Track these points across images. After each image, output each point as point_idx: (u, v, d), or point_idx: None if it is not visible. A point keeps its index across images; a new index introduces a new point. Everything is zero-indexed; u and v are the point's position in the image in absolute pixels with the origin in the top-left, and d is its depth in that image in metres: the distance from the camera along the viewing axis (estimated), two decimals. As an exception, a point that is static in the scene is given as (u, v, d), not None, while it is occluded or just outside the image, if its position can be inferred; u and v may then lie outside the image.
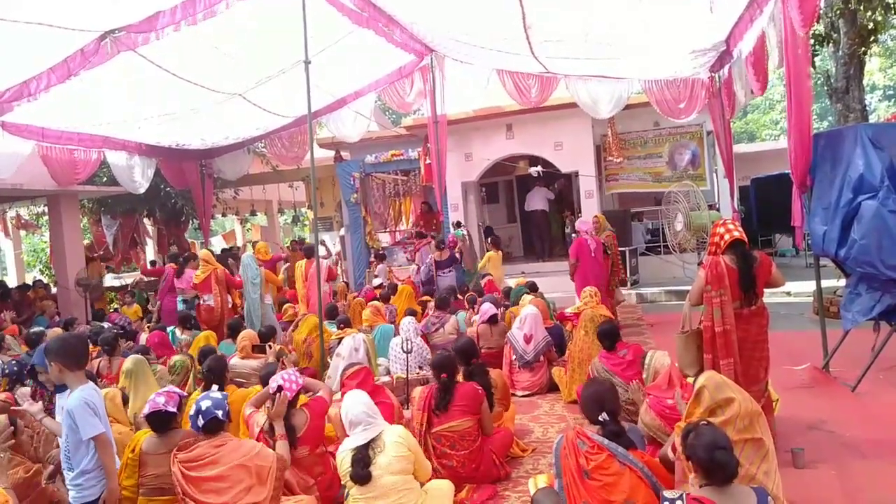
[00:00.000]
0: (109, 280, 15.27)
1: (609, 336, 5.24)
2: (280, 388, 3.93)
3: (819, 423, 4.65)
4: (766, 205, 12.87)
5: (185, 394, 4.16)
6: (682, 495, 2.45)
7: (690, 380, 3.88)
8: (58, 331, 7.40)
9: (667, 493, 2.50)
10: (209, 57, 7.52)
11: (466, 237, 11.40)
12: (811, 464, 3.96)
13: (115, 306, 12.40)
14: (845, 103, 10.25)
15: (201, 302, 8.29)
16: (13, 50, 6.15)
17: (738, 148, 15.75)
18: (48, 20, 5.63)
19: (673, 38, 7.68)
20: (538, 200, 13.96)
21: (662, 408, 4.10)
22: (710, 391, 2.95)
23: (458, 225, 11.66)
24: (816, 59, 10.58)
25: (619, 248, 9.85)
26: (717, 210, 11.35)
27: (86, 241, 14.41)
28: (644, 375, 4.79)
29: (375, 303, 8.28)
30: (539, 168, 12.11)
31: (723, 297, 3.93)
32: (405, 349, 5.94)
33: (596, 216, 9.34)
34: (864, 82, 11.24)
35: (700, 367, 3.98)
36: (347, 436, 3.61)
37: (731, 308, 3.95)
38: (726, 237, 4.04)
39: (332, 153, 14.06)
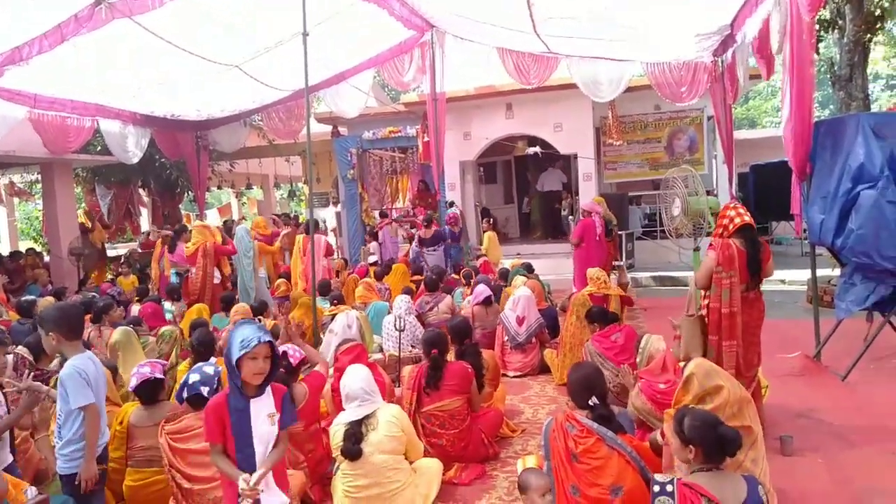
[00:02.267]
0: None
1: (600, 318, 5.25)
2: (285, 354, 3.95)
3: (808, 411, 4.66)
4: (765, 192, 12.83)
5: (167, 363, 4.14)
6: (672, 480, 2.44)
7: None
8: (49, 300, 7.36)
9: (658, 477, 2.50)
10: (206, 27, 7.38)
11: (459, 216, 11.40)
12: (799, 451, 3.98)
13: (111, 276, 12.36)
14: (848, 91, 10.18)
15: (190, 274, 8.27)
16: (5, 15, 6.02)
17: (739, 134, 15.66)
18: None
19: (677, 21, 7.57)
20: (553, 181, 13.94)
21: (654, 392, 4.09)
22: (699, 379, 2.94)
23: (450, 205, 11.62)
24: (820, 45, 10.48)
25: (619, 232, 9.85)
26: (716, 196, 11.32)
27: (83, 210, 14.31)
28: (638, 359, 4.77)
29: (368, 279, 8.25)
30: (538, 148, 12.03)
31: (732, 279, 3.96)
32: (398, 327, 5.92)
33: (595, 199, 9.30)
34: (868, 71, 11.15)
35: (706, 351, 3.98)
36: (342, 410, 3.61)
37: (739, 290, 3.96)
38: (736, 220, 4.06)
39: (329, 128, 13.94)
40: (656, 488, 2.44)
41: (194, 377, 3.48)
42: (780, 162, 12.36)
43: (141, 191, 15.62)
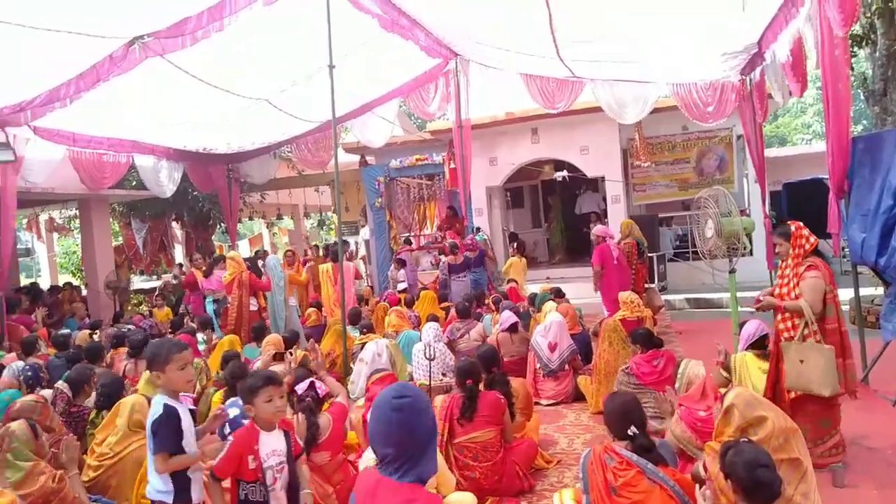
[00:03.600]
0: (138, 283, 15.52)
1: (644, 341, 5.11)
2: (312, 385, 3.97)
3: (858, 438, 4.45)
4: (799, 210, 12.53)
5: (193, 397, 4.17)
6: None
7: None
8: (85, 333, 7.49)
9: None
10: (235, 62, 7.56)
11: (488, 242, 11.36)
12: (852, 483, 3.79)
13: (145, 309, 12.56)
14: (883, 106, 9.93)
15: (228, 304, 8.37)
16: (43, 57, 6.24)
17: (769, 152, 15.39)
18: (77, 28, 5.69)
19: (703, 40, 7.52)
20: (591, 204, 13.88)
21: (694, 420, 3.96)
22: (739, 409, 2.82)
23: (476, 231, 11.58)
24: (852, 60, 10.27)
25: (649, 255, 9.70)
26: (748, 215, 11.08)
27: (115, 244, 14.64)
28: (677, 385, 4.65)
29: (399, 308, 8.24)
30: (565, 173, 11.98)
31: (836, 297, 3.94)
32: (428, 356, 5.86)
33: (624, 222, 9.21)
34: (903, 84, 10.87)
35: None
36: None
37: None
38: (811, 240, 4.08)
39: (357, 157, 14.09)
40: None
41: (234, 411, 3.47)
42: (814, 179, 12.20)
43: (174, 223, 15.95)
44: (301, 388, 4.08)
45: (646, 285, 8.96)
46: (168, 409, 2.87)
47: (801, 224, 4.17)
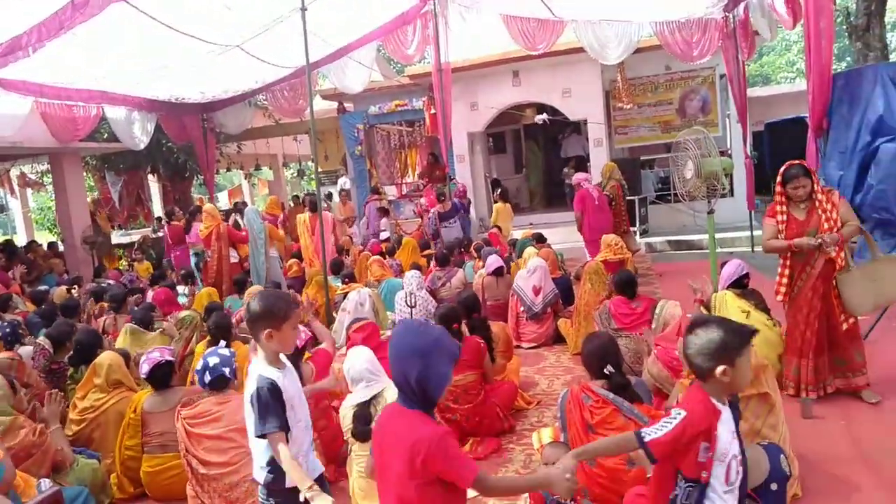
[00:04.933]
0: (116, 237, 15.32)
1: (629, 285, 5.09)
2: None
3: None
4: (781, 150, 12.56)
5: (172, 349, 4.15)
6: None
7: None
8: (62, 290, 7.42)
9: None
10: (204, 7, 7.27)
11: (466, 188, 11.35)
12: (820, 414, 3.91)
13: (125, 263, 12.45)
14: (865, 41, 9.85)
15: (206, 257, 8.30)
16: (1, 5, 5.96)
17: (753, 91, 15.31)
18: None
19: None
20: (577, 147, 13.79)
21: (670, 359, 4.03)
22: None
23: (449, 179, 11.51)
24: (836, -5, 10.12)
25: (629, 198, 9.69)
26: (730, 156, 11.08)
27: (90, 198, 14.38)
28: (653, 326, 4.72)
29: (378, 257, 8.23)
30: (545, 116, 11.82)
31: None
32: (409, 303, 5.89)
33: (607, 164, 9.18)
34: (886, 20, 10.76)
35: None
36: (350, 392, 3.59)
37: None
38: None
39: (335, 105, 13.80)
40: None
41: (214, 360, 3.44)
42: (796, 118, 12.17)
43: (151, 176, 15.65)
44: None
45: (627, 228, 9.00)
46: (267, 385, 2.40)
47: None
